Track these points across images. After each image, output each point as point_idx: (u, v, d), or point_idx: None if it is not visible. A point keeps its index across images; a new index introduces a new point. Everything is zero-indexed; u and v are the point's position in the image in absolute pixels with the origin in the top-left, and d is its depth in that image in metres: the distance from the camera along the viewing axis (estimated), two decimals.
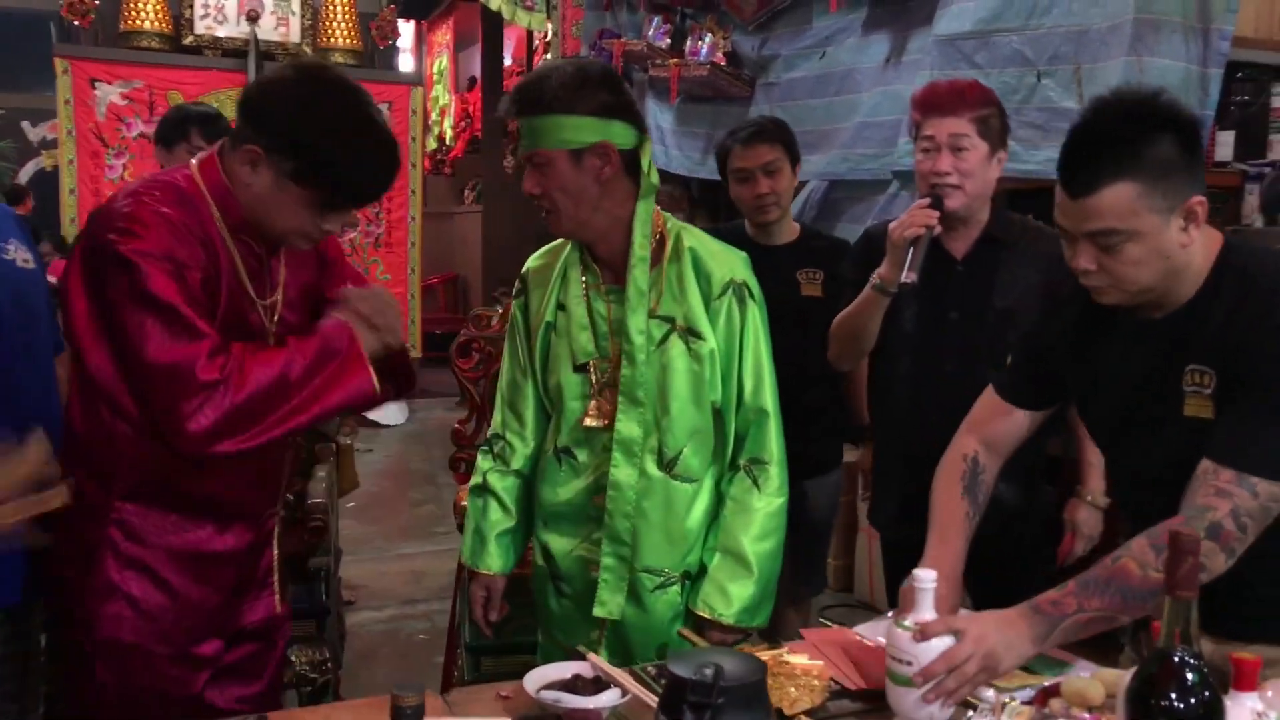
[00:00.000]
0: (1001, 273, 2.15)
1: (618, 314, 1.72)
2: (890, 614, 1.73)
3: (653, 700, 1.36)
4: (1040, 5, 3.58)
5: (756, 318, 1.76)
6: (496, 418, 1.88)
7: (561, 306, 1.77)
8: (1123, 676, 1.35)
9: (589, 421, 1.72)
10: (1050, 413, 1.71)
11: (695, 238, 1.79)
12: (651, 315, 1.71)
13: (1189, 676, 1.05)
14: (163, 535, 1.63)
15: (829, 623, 2.33)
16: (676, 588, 1.74)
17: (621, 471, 1.68)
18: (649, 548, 1.71)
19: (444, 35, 9.46)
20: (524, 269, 1.88)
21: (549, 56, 8.44)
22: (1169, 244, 1.37)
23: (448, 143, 10.16)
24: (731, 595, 1.70)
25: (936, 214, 2.06)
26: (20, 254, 1.74)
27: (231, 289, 1.63)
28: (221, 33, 6.58)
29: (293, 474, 1.88)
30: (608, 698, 1.34)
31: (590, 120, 1.63)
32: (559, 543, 1.79)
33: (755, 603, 1.72)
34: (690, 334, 1.71)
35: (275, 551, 1.82)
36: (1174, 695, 1.05)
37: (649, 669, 1.49)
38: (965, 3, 3.85)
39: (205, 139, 3.00)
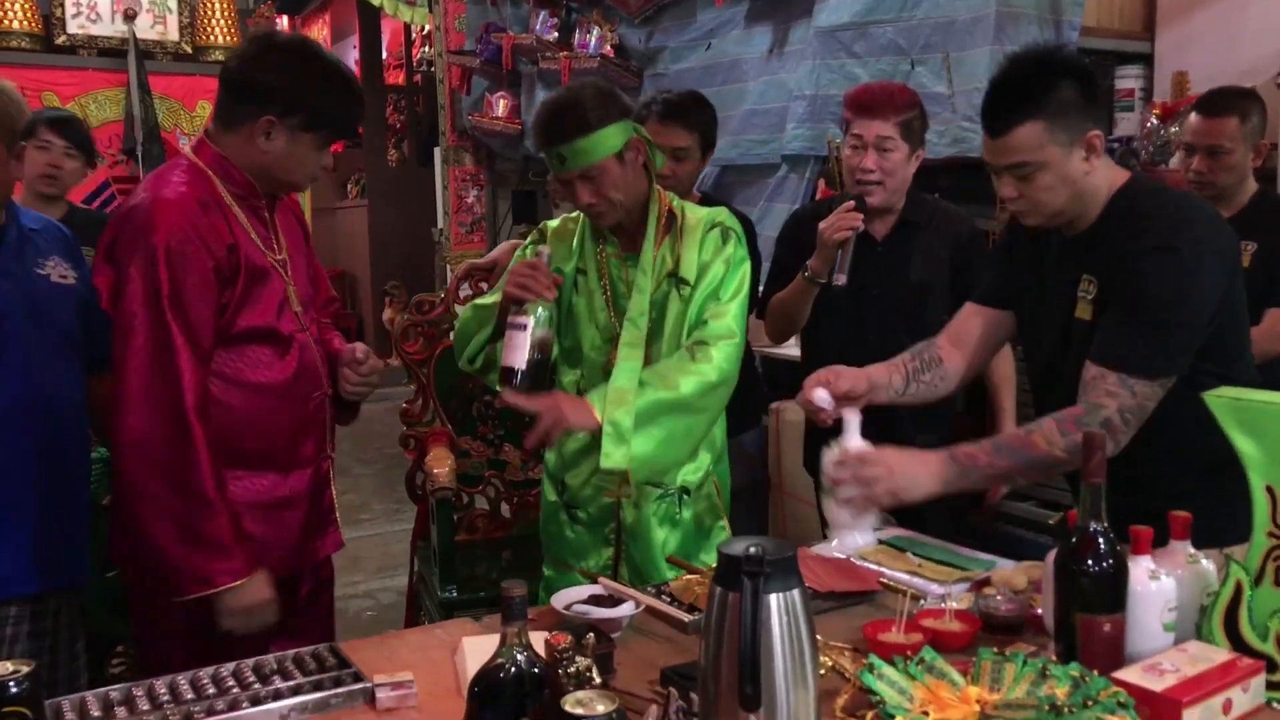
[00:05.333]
0: (917, 252, 2.44)
1: (634, 276, 1.98)
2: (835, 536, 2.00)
3: (664, 607, 1.59)
4: None
5: (739, 252, 2.01)
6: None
7: (582, 270, 2.03)
8: (1039, 565, 1.65)
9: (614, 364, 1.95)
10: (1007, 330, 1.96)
11: (689, 207, 2.07)
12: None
13: (1101, 545, 1.34)
14: (236, 490, 1.81)
15: None
16: (674, 499, 2.02)
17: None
18: None
19: (320, 30, 9.41)
20: (543, 225, 2.13)
21: (428, 50, 8.51)
22: (1074, 171, 1.67)
23: None
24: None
25: (861, 217, 2.33)
26: (59, 270, 1.87)
27: (247, 248, 1.84)
28: (96, 31, 6.43)
29: (334, 422, 2.05)
30: (627, 608, 1.57)
31: (620, 125, 1.91)
32: (576, 477, 2.04)
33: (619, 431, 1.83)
34: (681, 282, 1.98)
35: (333, 491, 2.03)
36: (1090, 561, 1.33)
37: (649, 589, 1.73)
38: None
39: (54, 134, 3.18)
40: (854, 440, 1.66)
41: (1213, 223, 1.71)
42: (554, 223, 2.11)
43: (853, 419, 1.68)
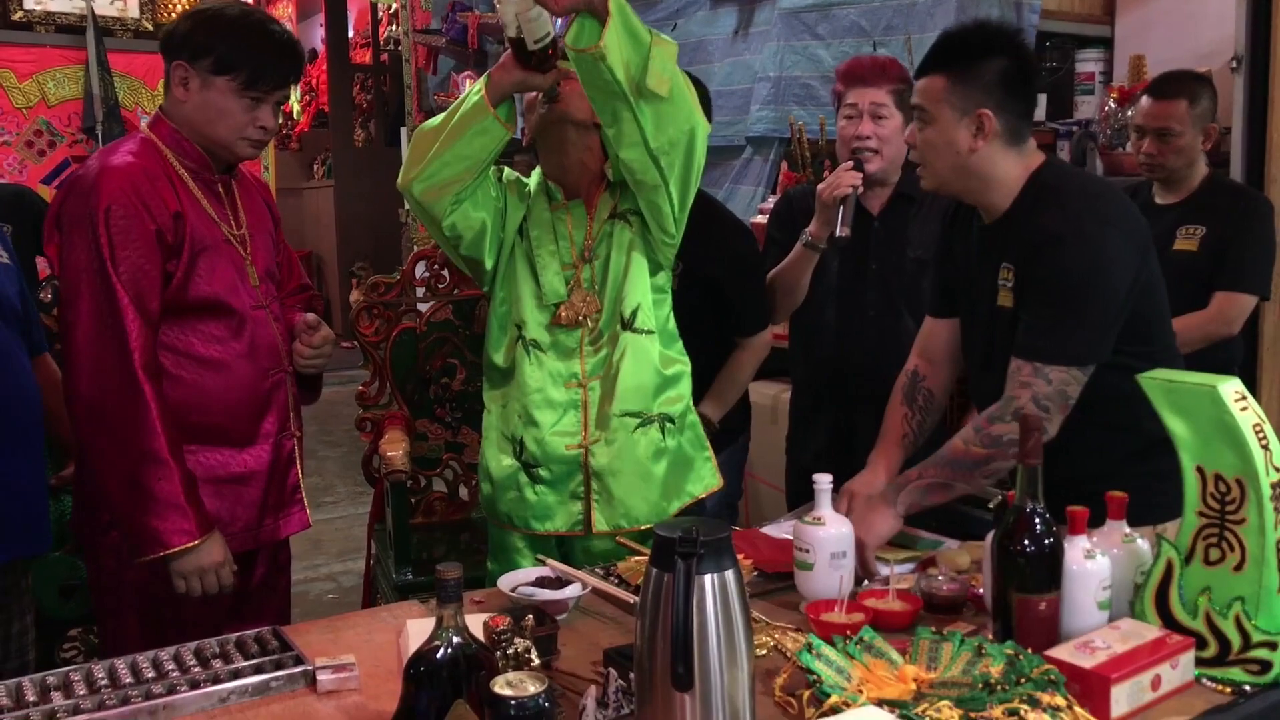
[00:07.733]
0: (913, 226, 2.42)
1: (577, 223, 1.98)
2: (787, 516, 2.03)
3: (610, 589, 1.60)
4: None
5: None
6: None
7: (525, 219, 2.00)
8: (985, 545, 1.67)
9: (562, 318, 1.95)
10: None
11: None
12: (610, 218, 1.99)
13: (1037, 525, 1.36)
14: (189, 464, 1.79)
15: None
16: (656, 426, 1.96)
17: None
18: (623, 394, 1.93)
19: (285, 8, 9.28)
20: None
21: (394, 29, 8.42)
22: (958, 139, 1.70)
23: (294, 117, 9.98)
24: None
25: (860, 175, 2.32)
26: None
27: (196, 220, 1.83)
28: (54, 7, 6.32)
29: (297, 400, 2.02)
30: (573, 590, 1.57)
31: None
32: (534, 432, 1.96)
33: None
34: (628, 214, 1.97)
35: (299, 470, 2.00)
36: (1026, 540, 1.35)
37: (598, 570, 1.73)
38: None
39: None
40: (827, 510, 1.63)
41: (1119, 202, 1.73)
42: (514, 173, 2.08)
43: (825, 490, 1.64)
